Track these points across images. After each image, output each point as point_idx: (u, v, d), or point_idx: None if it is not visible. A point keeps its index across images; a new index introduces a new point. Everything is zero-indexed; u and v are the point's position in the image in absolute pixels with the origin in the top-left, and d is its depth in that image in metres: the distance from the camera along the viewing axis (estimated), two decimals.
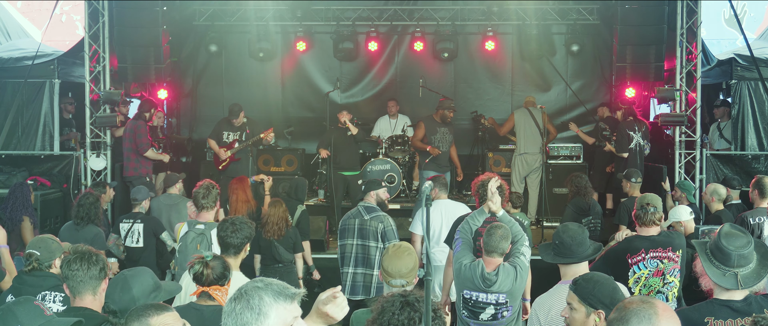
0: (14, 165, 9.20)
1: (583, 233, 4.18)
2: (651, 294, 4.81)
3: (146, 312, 2.92)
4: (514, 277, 4.55)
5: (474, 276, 4.51)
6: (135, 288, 3.33)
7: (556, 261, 4.18)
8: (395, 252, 4.02)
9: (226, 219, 4.89)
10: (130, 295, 3.29)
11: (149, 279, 3.44)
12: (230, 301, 2.32)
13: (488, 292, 4.50)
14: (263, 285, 2.33)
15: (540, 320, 3.97)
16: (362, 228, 6.17)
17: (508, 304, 4.54)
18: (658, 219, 4.97)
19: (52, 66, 9.61)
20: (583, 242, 4.12)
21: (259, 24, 11.31)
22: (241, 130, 9.58)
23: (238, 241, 4.73)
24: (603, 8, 11.20)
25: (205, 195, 5.82)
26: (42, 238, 4.61)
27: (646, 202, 4.96)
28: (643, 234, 4.95)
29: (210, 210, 5.85)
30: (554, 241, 4.19)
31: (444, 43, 11.33)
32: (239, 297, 2.30)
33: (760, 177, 6.64)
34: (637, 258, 4.85)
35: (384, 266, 4.00)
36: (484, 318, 4.52)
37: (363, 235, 6.15)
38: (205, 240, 5.59)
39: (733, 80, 9.64)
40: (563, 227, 4.24)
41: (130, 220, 7.13)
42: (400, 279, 3.93)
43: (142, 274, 3.45)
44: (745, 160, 9.30)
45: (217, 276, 4.03)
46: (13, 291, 4.34)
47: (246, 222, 4.87)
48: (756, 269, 3.40)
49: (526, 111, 10.28)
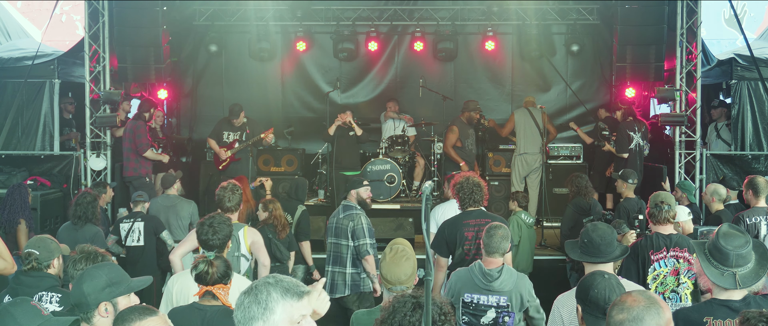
0: (14, 165, 9.20)
1: (612, 234, 4.12)
2: (665, 292, 4.85)
3: (129, 316, 2.86)
4: (516, 280, 4.54)
5: (473, 275, 4.49)
6: (85, 283, 3.25)
7: (582, 259, 4.13)
8: (392, 258, 3.94)
9: (204, 220, 4.87)
10: (80, 290, 3.23)
11: (103, 276, 3.33)
12: (242, 294, 2.40)
13: (489, 293, 4.47)
14: (274, 281, 2.39)
15: (563, 318, 3.90)
16: (337, 226, 6.14)
17: (510, 309, 4.50)
18: (672, 217, 5.01)
19: (52, 66, 9.62)
20: (611, 243, 4.07)
21: (259, 24, 11.31)
22: (241, 130, 9.58)
23: (219, 241, 4.75)
24: (603, 8, 11.20)
25: (231, 198, 5.79)
26: (41, 238, 4.60)
27: (660, 200, 5.00)
28: (662, 232, 4.97)
29: (235, 212, 5.79)
30: (582, 240, 4.12)
31: (444, 43, 11.33)
32: (250, 291, 2.38)
33: (752, 177, 6.62)
34: (659, 256, 4.86)
35: (383, 273, 3.94)
36: (486, 322, 4.49)
37: (337, 234, 6.13)
38: (235, 241, 5.58)
39: (733, 80, 9.64)
40: (593, 226, 4.18)
41: (131, 219, 7.14)
42: (399, 286, 3.89)
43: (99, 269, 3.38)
44: (745, 160, 9.29)
45: (220, 275, 4.04)
46: (11, 292, 4.33)
47: (224, 220, 4.88)
48: (754, 269, 3.40)
49: (525, 111, 10.28)
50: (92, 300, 3.19)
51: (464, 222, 5.55)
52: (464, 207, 5.64)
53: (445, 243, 5.57)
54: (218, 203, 5.84)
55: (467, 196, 5.60)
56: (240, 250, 5.55)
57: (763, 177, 6.69)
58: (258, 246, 5.78)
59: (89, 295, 3.19)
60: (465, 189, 5.61)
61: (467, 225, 5.53)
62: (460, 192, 5.63)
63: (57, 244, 4.56)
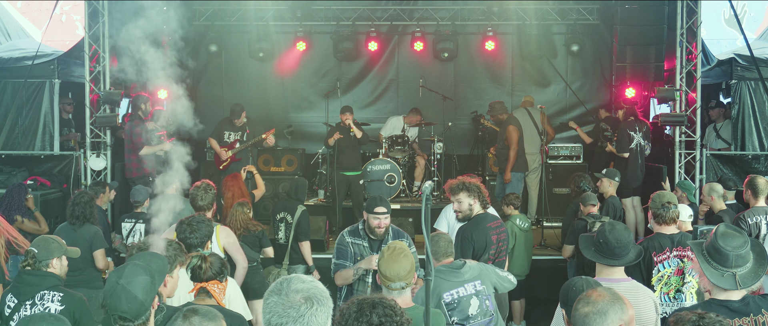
0: (14, 165, 9.20)
1: (629, 236, 4.08)
2: (670, 292, 4.85)
3: (192, 318, 2.87)
4: (478, 264, 4.61)
5: (442, 276, 4.42)
6: (139, 293, 3.16)
7: (595, 259, 4.10)
8: (390, 255, 3.92)
9: (183, 220, 4.90)
10: (138, 302, 3.16)
11: (144, 275, 3.27)
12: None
13: (465, 283, 4.46)
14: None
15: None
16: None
17: (487, 292, 4.52)
18: (676, 217, 5.00)
19: (52, 66, 9.60)
20: (627, 245, 4.03)
21: (259, 24, 11.31)
22: (241, 130, 9.59)
23: (198, 240, 4.77)
24: (603, 8, 11.20)
25: (204, 197, 5.82)
26: (44, 238, 4.63)
27: (665, 200, 4.98)
28: (664, 233, 4.95)
29: (208, 210, 5.86)
30: (598, 239, 4.08)
31: (444, 43, 11.33)
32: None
33: (752, 177, 6.63)
34: (662, 257, 4.84)
35: (381, 270, 3.90)
36: (474, 313, 4.45)
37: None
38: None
39: (733, 80, 9.63)
40: (610, 226, 4.12)
41: (133, 220, 7.13)
42: (399, 282, 3.87)
43: (137, 276, 3.27)
44: (745, 160, 9.29)
45: (215, 272, 4.03)
46: (13, 291, 4.34)
47: (203, 220, 4.91)
48: (753, 268, 3.40)
49: (524, 111, 10.28)
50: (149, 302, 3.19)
51: (488, 226, 5.45)
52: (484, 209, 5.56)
53: (473, 248, 5.34)
54: (191, 201, 5.86)
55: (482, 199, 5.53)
56: (211, 249, 5.54)
57: (763, 177, 6.69)
58: (234, 247, 5.77)
59: (146, 301, 3.17)
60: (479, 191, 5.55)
61: (491, 229, 5.45)
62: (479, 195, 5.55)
63: (59, 245, 4.55)
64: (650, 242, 4.92)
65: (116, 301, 3.12)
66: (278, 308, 2.34)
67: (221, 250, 5.62)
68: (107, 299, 3.16)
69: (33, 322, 3.04)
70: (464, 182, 5.50)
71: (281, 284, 2.41)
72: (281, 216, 7.40)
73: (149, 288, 3.18)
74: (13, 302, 4.27)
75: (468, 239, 5.34)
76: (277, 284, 2.42)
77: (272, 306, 2.36)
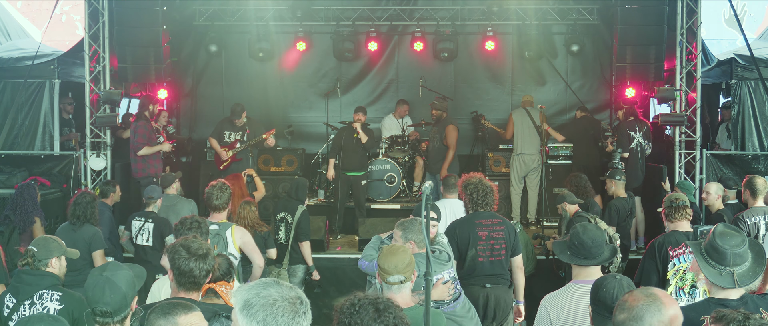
0: (14, 165, 9.20)
1: (602, 235, 4.12)
2: (686, 288, 4.88)
3: (174, 310, 2.89)
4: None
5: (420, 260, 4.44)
6: (122, 284, 3.28)
7: (572, 261, 4.11)
8: (388, 250, 3.94)
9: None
10: (121, 293, 3.27)
11: (127, 270, 3.39)
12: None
13: (445, 264, 4.71)
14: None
15: (551, 318, 3.90)
16: None
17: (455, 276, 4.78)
18: (688, 214, 5.20)
19: (52, 66, 9.62)
20: (601, 244, 4.06)
21: (259, 24, 11.32)
22: (242, 130, 9.59)
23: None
24: (603, 8, 11.20)
25: (219, 196, 5.80)
26: (44, 237, 4.65)
27: (675, 198, 5.24)
28: (680, 229, 5.12)
29: (223, 210, 5.82)
30: (572, 242, 4.10)
31: (444, 43, 11.32)
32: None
33: (750, 177, 6.64)
34: (678, 251, 4.92)
35: (380, 264, 3.90)
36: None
37: None
38: (222, 241, 5.59)
39: (733, 80, 9.64)
40: (582, 227, 4.16)
41: (142, 219, 7.12)
42: (397, 276, 3.85)
43: (121, 269, 3.38)
44: (745, 160, 9.29)
45: (223, 273, 4.05)
46: (12, 290, 4.35)
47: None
48: (751, 267, 3.42)
49: (523, 111, 10.28)
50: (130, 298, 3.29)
51: (477, 222, 5.49)
52: (475, 208, 5.59)
53: (456, 244, 5.44)
54: (207, 201, 5.85)
55: (481, 198, 5.55)
56: (227, 250, 5.54)
57: (762, 177, 6.70)
58: (250, 246, 5.76)
59: (129, 295, 3.28)
60: (479, 191, 5.56)
61: (480, 225, 5.48)
62: (474, 194, 5.56)
63: (58, 245, 4.57)
64: (667, 237, 5.10)
65: (99, 293, 3.22)
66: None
67: (237, 250, 5.63)
68: (89, 292, 3.26)
69: (31, 322, 3.05)
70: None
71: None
72: (281, 216, 7.40)
73: (132, 282, 3.31)
74: (12, 302, 4.27)
75: (451, 233, 5.54)
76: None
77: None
